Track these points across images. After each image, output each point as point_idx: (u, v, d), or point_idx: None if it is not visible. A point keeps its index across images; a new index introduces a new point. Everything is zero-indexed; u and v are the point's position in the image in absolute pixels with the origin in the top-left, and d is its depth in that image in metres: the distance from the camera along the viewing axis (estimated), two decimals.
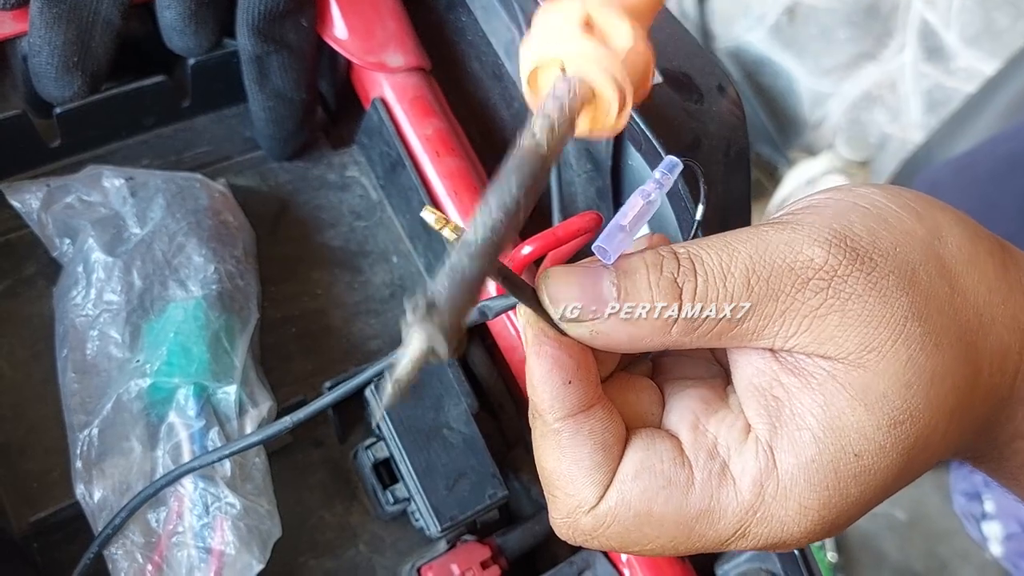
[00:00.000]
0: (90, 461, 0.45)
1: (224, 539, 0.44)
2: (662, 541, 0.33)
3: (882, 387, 0.31)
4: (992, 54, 1.49)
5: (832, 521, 0.32)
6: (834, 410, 0.31)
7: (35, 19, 0.48)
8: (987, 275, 0.33)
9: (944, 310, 0.32)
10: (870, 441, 0.31)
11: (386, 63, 0.55)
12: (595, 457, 0.33)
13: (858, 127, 1.65)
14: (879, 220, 0.32)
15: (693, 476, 0.32)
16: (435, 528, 0.48)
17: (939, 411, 0.31)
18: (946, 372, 0.31)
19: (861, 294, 0.31)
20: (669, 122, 0.48)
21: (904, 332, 0.31)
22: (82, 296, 0.47)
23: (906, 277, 0.31)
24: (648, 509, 0.33)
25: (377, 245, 0.58)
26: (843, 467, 0.31)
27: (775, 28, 1.66)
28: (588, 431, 0.33)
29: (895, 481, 0.32)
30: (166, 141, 0.57)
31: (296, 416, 0.43)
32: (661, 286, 0.32)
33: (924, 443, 0.32)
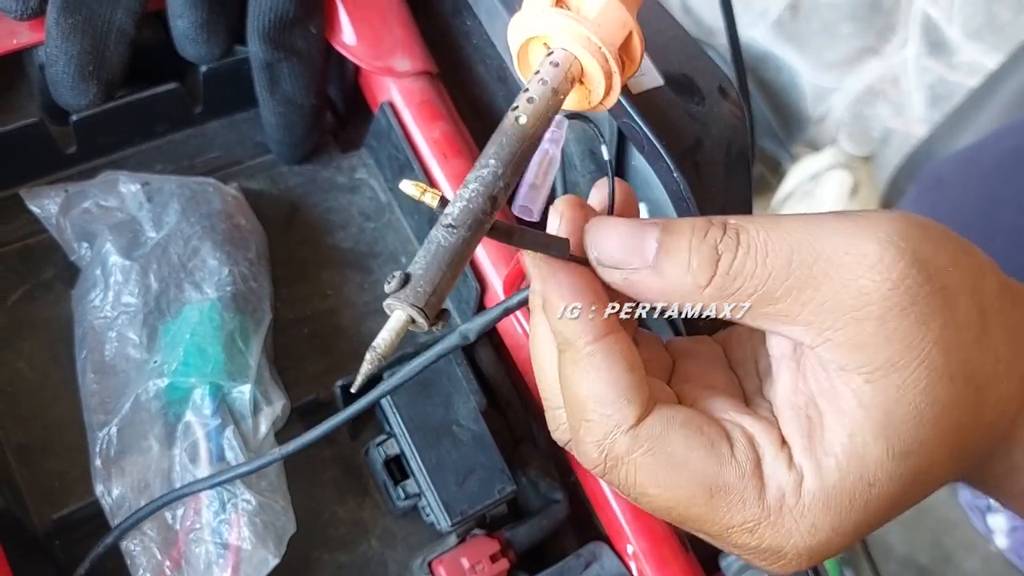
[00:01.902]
0: (109, 459, 0.46)
1: (240, 535, 0.45)
2: (680, 494, 0.33)
3: (900, 414, 0.31)
4: (994, 48, 1.49)
5: (836, 544, 0.33)
6: (859, 440, 0.32)
7: (51, 30, 0.49)
8: (1011, 325, 0.34)
9: (969, 347, 0.32)
10: (884, 471, 0.32)
11: (394, 68, 0.56)
12: (629, 376, 0.33)
13: (861, 122, 1.66)
14: (937, 238, 0.32)
15: (734, 454, 0.33)
16: (445, 523, 0.49)
17: (944, 445, 0.32)
18: (954, 406, 0.32)
19: (901, 309, 0.31)
20: (671, 124, 0.49)
21: (928, 359, 0.31)
22: (100, 299, 0.49)
23: (949, 303, 0.31)
24: (685, 456, 0.33)
25: (386, 246, 0.59)
26: (858, 495, 0.32)
27: (778, 23, 1.67)
28: (620, 352, 0.33)
29: (894, 508, 0.33)
30: (179, 146, 0.58)
31: (318, 430, 0.44)
32: (702, 250, 0.32)
33: (926, 473, 0.33)
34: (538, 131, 0.33)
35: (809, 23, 1.65)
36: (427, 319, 0.30)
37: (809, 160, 1.61)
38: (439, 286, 0.30)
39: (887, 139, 1.65)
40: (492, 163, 0.32)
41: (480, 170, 0.32)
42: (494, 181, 0.32)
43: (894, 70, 1.62)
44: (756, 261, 0.32)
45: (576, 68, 0.34)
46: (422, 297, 0.30)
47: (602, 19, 0.34)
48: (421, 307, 0.30)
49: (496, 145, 0.33)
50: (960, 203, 1.01)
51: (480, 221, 0.31)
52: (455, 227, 0.31)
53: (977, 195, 1.00)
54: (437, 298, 0.30)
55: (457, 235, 0.31)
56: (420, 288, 0.30)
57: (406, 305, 0.30)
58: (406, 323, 0.31)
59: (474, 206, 0.31)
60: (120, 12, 0.50)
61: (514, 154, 0.32)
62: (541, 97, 0.33)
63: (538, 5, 0.35)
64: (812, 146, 1.71)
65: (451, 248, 0.31)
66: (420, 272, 0.31)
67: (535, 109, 0.33)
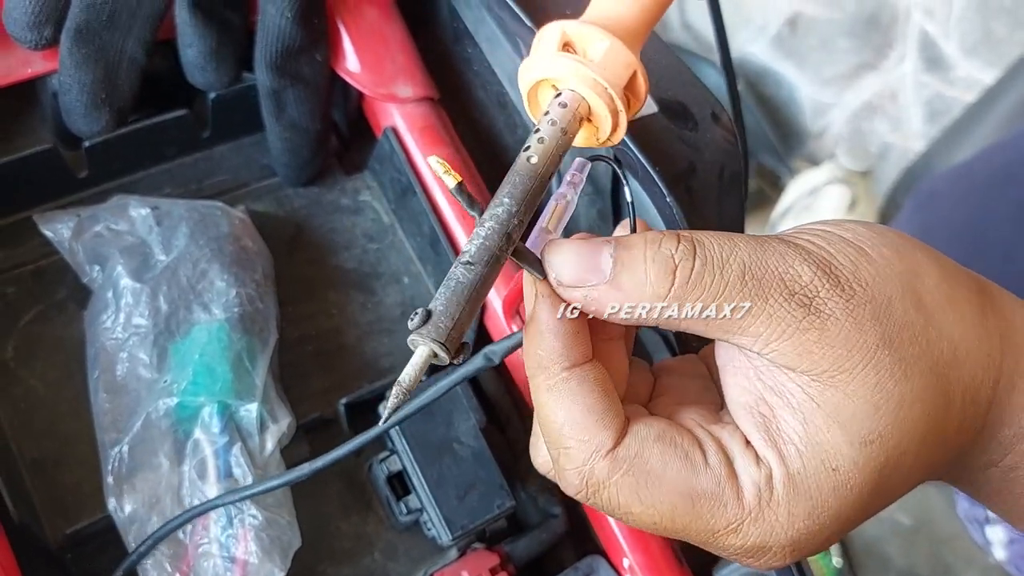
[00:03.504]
0: (121, 476, 0.47)
1: (248, 549, 0.47)
2: (663, 507, 0.34)
3: (852, 408, 0.33)
4: (991, 63, 1.51)
5: (815, 532, 0.34)
6: (812, 427, 0.33)
7: (65, 59, 0.51)
8: (964, 315, 0.35)
9: (917, 340, 0.34)
10: (844, 457, 0.33)
11: (396, 94, 0.58)
12: (605, 402, 0.34)
13: (859, 137, 1.67)
14: (862, 253, 0.35)
15: (707, 461, 0.34)
16: (446, 537, 0.51)
17: (909, 434, 0.34)
18: (915, 399, 0.33)
19: (839, 318, 0.33)
20: (664, 149, 0.51)
21: (874, 359, 0.33)
22: (112, 320, 0.50)
23: (882, 308, 0.34)
24: (663, 472, 0.34)
25: (389, 267, 0.61)
26: (823, 479, 0.34)
27: (776, 39, 1.68)
28: (594, 378, 0.35)
29: (872, 497, 0.34)
30: (187, 170, 0.60)
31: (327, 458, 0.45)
32: (658, 260, 0.33)
33: (896, 463, 0.34)
34: (548, 169, 0.35)
35: (808, 39, 1.66)
36: (448, 353, 0.32)
37: (808, 175, 1.63)
38: (459, 321, 0.32)
39: (885, 154, 1.66)
40: (507, 202, 0.34)
41: (495, 208, 0.34)
42: (508, 219, 0.33)
43: (892, 85, 1.63)
44: (714, 273, 0.33)
45: (584, 108, 0.36)
46: (444, 333, 0.32)
47: (607, 61, 0.36)
48: (443, 342, 0.32)
49: (510, 184, 0.34)
50: (953, 218, 1.03)
51: (496, 258, 0.33)
52: (473, 264, 0.32)
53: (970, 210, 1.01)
54: (457, 332, 0.32)
55: (475, 272, 0.32)
56: (442, 324, 0.32)
57: (429, 340, 0.32)
58: (429, 357, 0.32)
59: (490, 243, 0.33)
60: (131, 42, 0.52)
61: (527, 192, 0.34)
62: (551, 137, 0.35)
63: (546, 49, 0.37)
64: (811, 161, 1.72)
65: (469, 284, 0.32)
66: (441, 308, 0.32)
67: (545, 148, 0.35)
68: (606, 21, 0.36)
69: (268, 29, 0.53)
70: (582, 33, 0.36)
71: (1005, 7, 1.48)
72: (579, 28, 0.36)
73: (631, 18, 0.37)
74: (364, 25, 0.57)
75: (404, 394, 0.32)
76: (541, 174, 0.35)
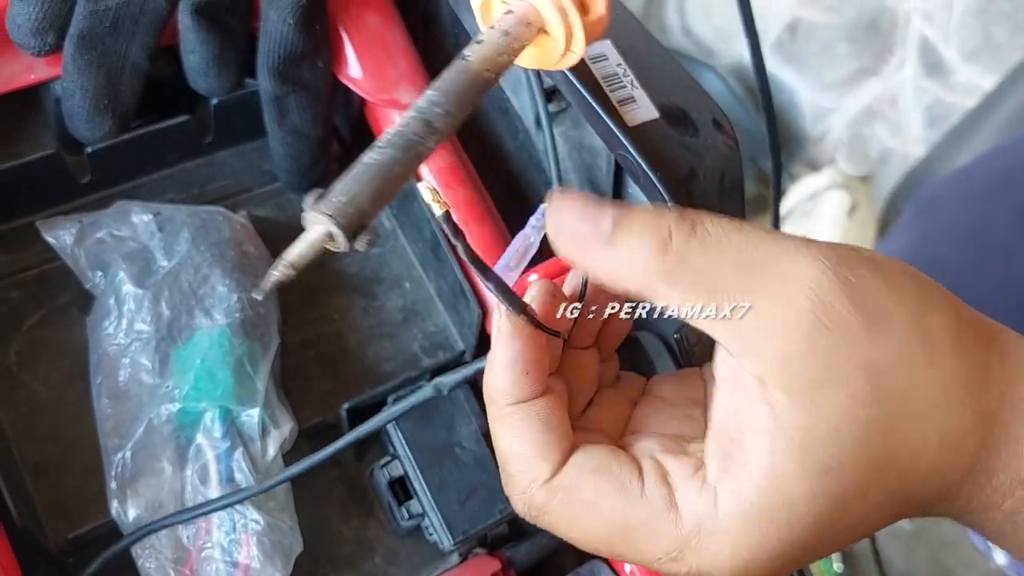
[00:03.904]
0: (124, 481, 0.48)
1: (250, 554, 0.47)
2: (599, 535, 0.35)
3: (819, 434, 0.32)
4: (991, 69, 1.51)
5: (762, 562, 0.33)
6: (777, 457, 0.32)
7: (68, 65, 0.51)
8: (964, 360, 0.34)
9: (908, 375, 0.32)
10: (802, 487, 0.32)
11: (398, 100, 0.58)
12: (543, 437, 0.36)
13: (859, 142, 1.67)
14: (877, 265, 0.33)
15: (644, 491, 0.34)
16: (448, 542, 0.51)
17: (872, 464, 0.32)
18: (883, 429, 0.32)
19: (832, 332, 0.32)
20: (665, 155, 0.51)
21: (852, 386, 0.32)
22: (114, 326, 0.50)
23: (880, 329, 0.32)
24: (596, 501, 0.35)
25: (390, 272, 0.61)
26: (777, 513, 0.32)
27: (776, 44, 1.68)
28: (535, 415, 0.36)
29: (829, 527, 0.33)
30: (189, 175, 0.60)
31: (331, 448, 0.46)
32: (658, 226, 0.33)
33: (855, 496, 0.33)
34: (483, 67, 0.33)
35: (808, 44, 1.67)
36: (344, 232, 0.29)
37: (808, 180, 1.63)
38: (358, 200, 0.29)
39: (885, 159, 1.66)
40: (429, 93, 0.32)
41: (418, 100, 0.32)
42: (429, 107, 0.31)
43: (892, 91, 1.63)
44: (708, 255, 0.32)
45: (532, 14, 0.34)
46: (335, 208, 0.29)
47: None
48: (335, 217, 0.29)
49: (438, 79, 0.32)
50: (953, 224, 1.03)
51: (411, 143, 0.30)
52: (382, 147, 0.30)
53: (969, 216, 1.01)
54: (354, 210, 0.29)
55: (383, 153, 0.30)
56: (335, 200, 0.29)
57: (320, 215, 0.29)
58: (323, 237, 0.30)
59: (406, 129, 0.31)
60: (134, 48, 0.52)
61: (455, 84, 0.32)
62: (489, 38, 0.33)
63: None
64: (811, 166, 1.72)
65: (375, 165, 0.30)
66: (339, 186, 0.30)
67: (481, 48, 0.33)
68: None
69: (270, 35, 0.53)
70: None
71: (1005, 12, 1.48)
72: None
73: None
74: (366, 31, 0.57)
75: (287, 269, 0.30)
76: (474, 71, 0.33)
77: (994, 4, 1.48)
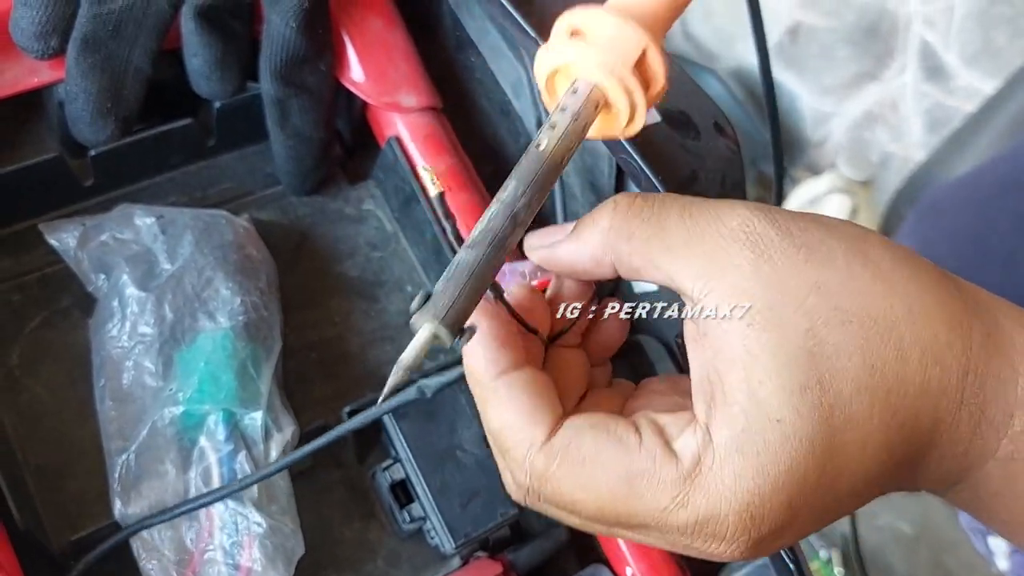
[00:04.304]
0: (128, 484, 0.48)
1: (252, 556, 0.47)
2: (603, 492, 0.35)
3: (787, 353, 0.33)
4: (991, 73, 1.51)
5: (769, 493, 0.33)
6: (754, 381, 0.33)
7: (71, 68, 0.51)
8: (918, 278, 0.35)
9: (862, 292, 0.33)
10: (785, 406, 0.33)
11: (400, 103, 0.58)
12: (533, 401, 0.36)
13: (860, 146, 1.68)
14: (807, 216, 0.36)
15: (641, 442, 0.35)
16: (450, 545, 0.51)
17: (854, 385, 0.33)
18: (854, 348, 0.33)
19: (772, 257, 0.34)
20: (667, 159, 0.51)
21: (805, 303, 0.33)
22: (117, 329, 0.50)
23: (821, 254, 0.34)
24: (596, 455, 0.35)
25: (392, 275, 0.61)
26: (769, 433, 0.33)
27: (777, 48, 1.69)
28: (522, 383, 0.36)
29: (826, 455, 0.33)
30: (192, 178, 0.60)
31: (318, 441, 0.46)
32: (607, 206, 0.37)
33: (846, 416, 0.33)
34: (558, 153, 0.35)
35: (808, 48, 1.67)
36: (449, 333, 0.32)
37: (808, 184, 1.63)
38: (458, 301, 0.32)
39: (886, 163, 1.67)
40: (512, 184, 0.34)
41: (501, 193, 0.34)
42: (513, 201, 0.33)
43: (892, 95, 1.64)
44: (653, 208, 0.36)
45: (597, 94, 0.35)
46: (442, 311, 0.32)
47: (612, 41, 0.35)
48: (441, 320, 0.32)
49: (517, 169, 0.34)
50: (956, 230, 1.03)
51: (500, 239, 0.33)
52: (473, 245, 0.33)
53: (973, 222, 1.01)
54: (457, 312, 0.32)
55: (475, 253, 0.32)
56: (440, 303, 0.32)
57: (428, 320, 0.32)
58: (430, 338, 0.32)
59: (493, 225, 0.33)
60: (137, 51, 0.52)
61: (533, 174, 0.34)
62: (560, 123, 0.35)
63: (553, 39, 0.36)
64: (811, 170, 1.72)
65: (469, 265, 0.32)
66: (440, 289, 0.32)
67: (554, 134, 0.34)
68: (620, 6, 0.35)
69: (273, 39, 0.53)
70: (590, 18, 0.35)
71: (1006, 17, 1.48)
72: (587, 14, 0.35)
73: (648, 3, 0.36)
74: (368, 35, 0.58)
75: (404, 372, 0.33)
76: (550, 157, 0.34)
77: (995, 8, 1.48)
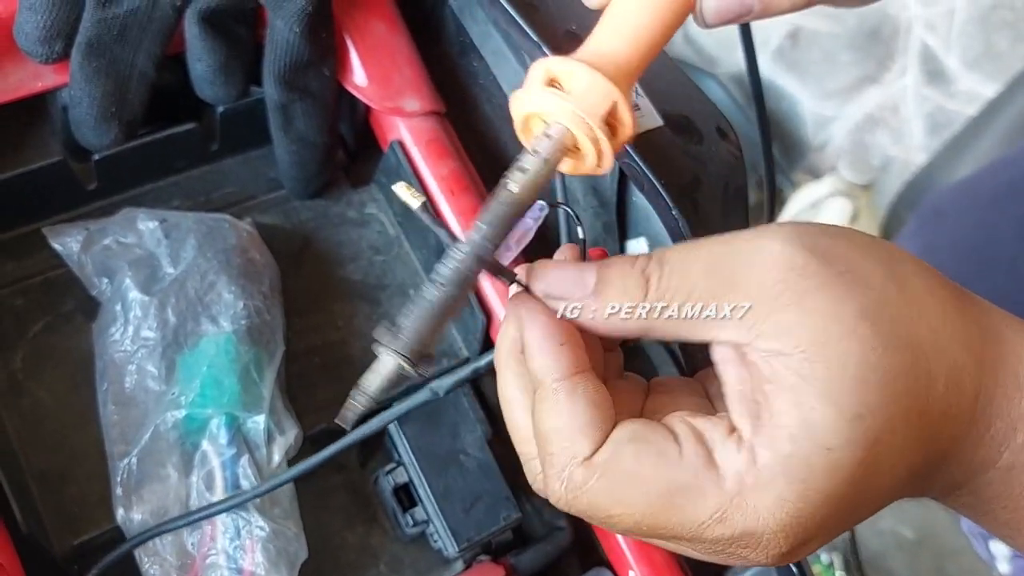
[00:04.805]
0: (130, 488, 0.48)
1: (254, 560, 0.47)
2: (641, 507, 0.34)
3: (841, 382, 0.33)
4: (992, 77, 1.52)
5: (807, 517, 0.33)
6: (805, 408, 0.33)
7: (75, 73, 0.52)
8: (944, 301, 0.35)
9: (898, 318, 0.34)
10: (838, 435, 0.33)
11: (403, 108, 0.58)
12: (589, 412, 0.35)
13: (861, 149, 1.68)
14: (839, 235, 0.36)
15: (682, 453, 0.35)
16: (452, 549, 0.51)
17: (895, 411, 0.33)
18: (898, 374, 0.33)
19: (815, 290, 0.33)
20: (669, 163, 0.51)
21: (855, 331, 0.33)
22: (120, 333, 0.51)
23: (860, 280, 0.34)
24: (637, 470, 0.34)
25: (395, 279, 0.61)
26: (816, 460, 0.33)
27: (778, 52, 1.69)
28: (582, 390, 0.36)
29: (864, 479, 0.33)
30: (196, 182, 0.60)
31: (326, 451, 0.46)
32: (634, 274, 0.36)
33: (887, 443, 0.33)
34: (527, 197, 0.36)
35: (809, 52, 1.67)
36: (411, 364, 0.34)
37: (809, 188, 1.63)
38: (423, 335, 0.34)
39: (887, 167, 1.67)
40: (483, 228, 0.35)
41: (473, 234, 0.36)
42: (483, 243, 0.35)
43: (893, 99, 1.64)
44: (679, 276, 0.35)
45: (569, 138, 0.37)
46: (406, 345, 0.34)
47: (585, 93, 0.37)
48: (405, 354, 0.34)
49: (487, 212, 0.36)
50: (958, 234, 1.03)
51: (466, 279, 0.35)
52: (444, 284, 0.35)
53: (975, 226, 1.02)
54: (421, 345, 0.34)
55: (445, 292, 0.35)
56: (405, 338, 0.34)
57: (390, 351, 0.34)
58: (394, 367, 0.34)
59: (463, 267, 0.35)
60: (141, 56, 0.52)
61: (503, 219, 0.36)
62: (532, 166, 0.36)
63: (530, 85, 0.38)
64: (812, 174, 1.72)
65: (437, 303, 0.35)
66: (408, 324, 0.34)
67: (525, 179, 0.36)
68: (593, 57, 0.37)
69: (276, 43, 0.53)
70: (565, 69, 0.37)
71: (1006, 21, 1.49)
72: (563, 64, 0.37)
73: (621, 54, 0.37)
74: (371, 39, 0.58)
75: (365, 399, 0.35)
76: (518, 201, 0.36)
77: (995, 13, 1.49)
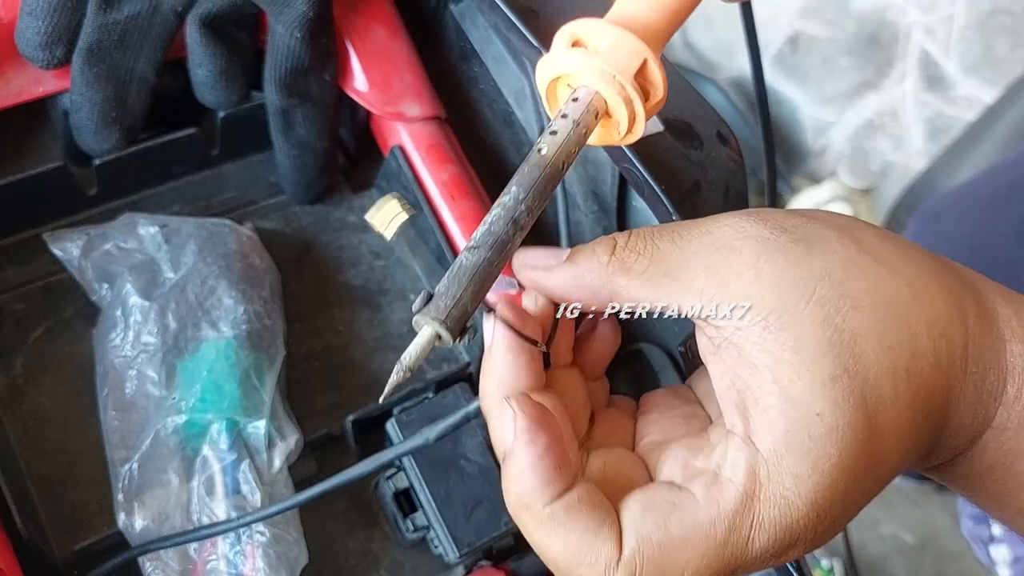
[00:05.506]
0: (131, 493, 0.48)
1: (255, 566, 0.47)
2: (695, 564, 0.33)
3: (810, 348, 0.33)
4: (991, 82, 1.52)
5: (829, 489, 0.33)
6: (783, 382, 0.33)
7: (76, 78, 0.52)
8: (912, 256, 0.35)
9: (864, 277, 0.34)
10: (821, 398, 0.33)
11: (403, 113, 0.58)
12: (595, 517, 0.34)
13: (861, 155, 1.68)
14: (796, 212, 0.37)
15: (693, 494, 0.34)
16: (453, 554, 0.51)
17: (875, 368, 0.33)
18: (870, 332, 0.33)
19: (772, 255, 0.34)
20: (670, 168, 0.51)
21: (815, 294, 0.33)
22: (120, 338, 0.50)
23: (818, 245, 0.34)
24: (667, 535, 0.33)
25: (395, 283, 0.61)
26: (812, 428, 0.33)
27: (778, 58, 1.69)
28: (578, 500, 0.34)
29: (866, 442, 0.33)
30: (196, 187, 0.60)
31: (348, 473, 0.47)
32: (604, 241, 0.37)
33: (876, 400, 0.33)
34: (559, 159, 0.35)
35: (809, 57, 1.68)
36: (451, 333, 0.32)
37: (809, 192, 1.63)
38: (460, 302, 0.32)
39: (886, 172, 1.67)
40: (513, 189, 0.34)
41: (503, 197, 0.34)
42: (515, 205, 0.34)
43: (893, 104, 1.64)
44: (645, 241, 0.36)
45: (598, 101, 0.36)
46: (443, 312, 0.32)
47: (612, 51, 0.35)
48: (443, 320, 0.32)
49: (518, 175, 0.35)
50: (957, 237, 1.03)
51: (502, 242, 0.33)
52: (476, 248, 0.33)
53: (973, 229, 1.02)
54: (459, 312, 0.32)
55: (478, 255, 0.33)
56: (442, 304, 0.32)
57: (429, 320, 0.32)
58: (432, 338, 0.33)
59: (495, 228, 0.33)
60: (142, 61, 0.52)
61: (535, 180, 0.34)
62: (562, 129, 0.35)
63: (555, 47, 0.37)
64: (812, 179, 1.73)
65: (471, 267, 0.33)
66: (442, 290, 0.33)
67: (556, 140, 0.35)
68: (620, 19, 0.36)
69: (277, 49, 0.53)
70: (591, 29, 0.36)
71: (1005, 26, 1.49)
72: (588, 25, 0.36)
73: (649, 17, 0.36)
74: (372, 45, 0.58)
75: (406, 372, 0.33)
76: (551, 163, 0.35)
77: (994, 18, 1.49)
